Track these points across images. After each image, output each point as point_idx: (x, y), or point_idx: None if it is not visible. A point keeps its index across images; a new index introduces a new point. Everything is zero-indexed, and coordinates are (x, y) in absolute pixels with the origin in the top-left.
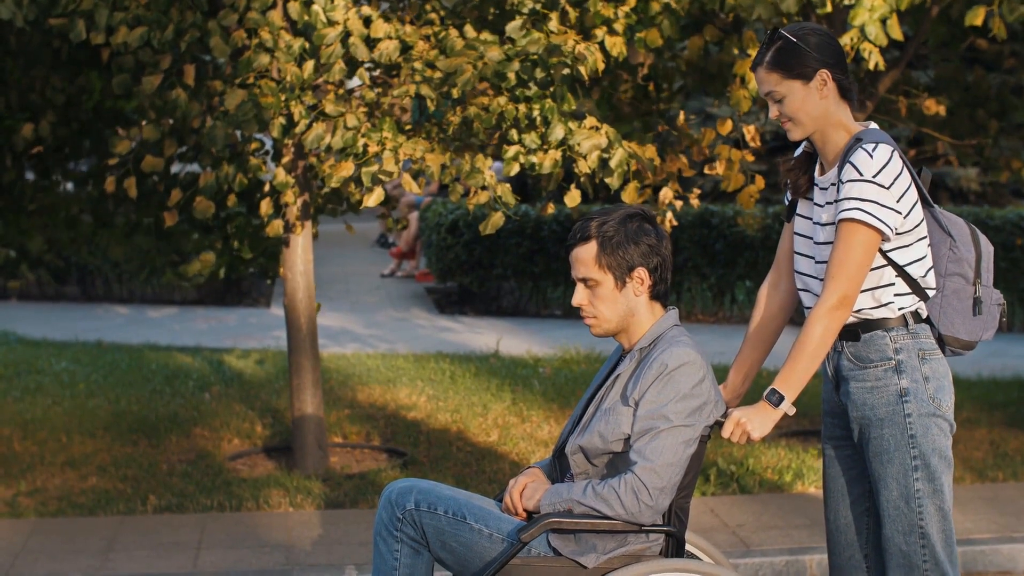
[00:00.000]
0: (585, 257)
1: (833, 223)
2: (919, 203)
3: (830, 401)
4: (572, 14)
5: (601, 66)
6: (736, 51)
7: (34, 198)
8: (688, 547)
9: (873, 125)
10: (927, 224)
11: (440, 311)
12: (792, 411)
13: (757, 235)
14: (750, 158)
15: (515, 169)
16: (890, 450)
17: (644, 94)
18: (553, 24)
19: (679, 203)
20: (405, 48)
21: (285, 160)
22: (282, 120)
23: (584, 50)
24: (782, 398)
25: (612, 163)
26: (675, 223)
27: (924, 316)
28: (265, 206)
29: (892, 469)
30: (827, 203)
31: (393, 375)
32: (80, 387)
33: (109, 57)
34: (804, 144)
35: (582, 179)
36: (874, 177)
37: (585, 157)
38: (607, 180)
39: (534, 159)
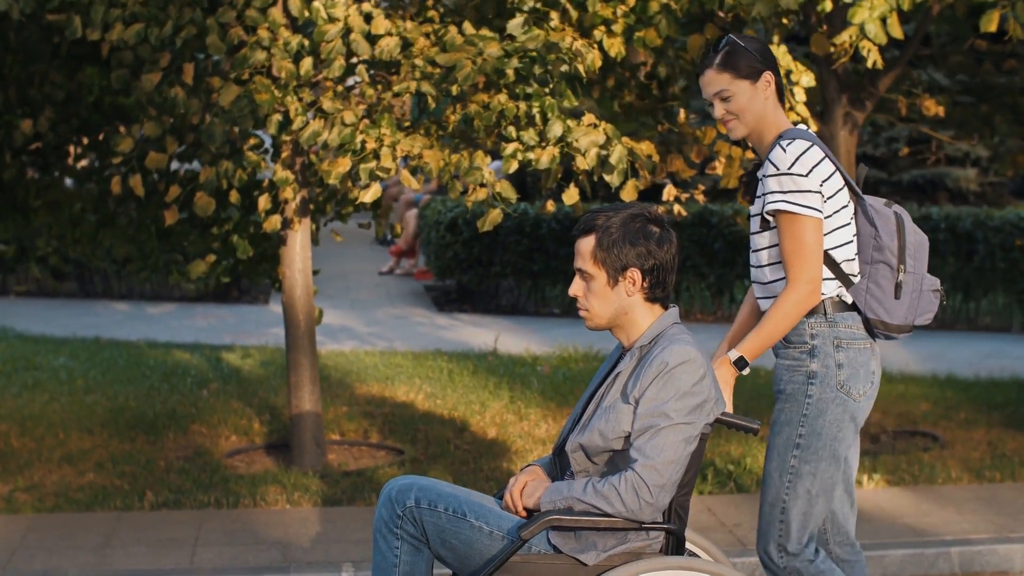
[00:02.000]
0: (583, 249)
1: (760, 215)
2: (845, 191)
3: None
4: (573, 13)
5: (599, 63)
6: None
7: (38, 195)
8: (688, 545)
9: (801, 126)
10: (856, 215)
11: (439, 309)
12: (747, 372)
13: None
14: (750, 156)
15: (514, 167)
16: (782, 423)
17: (648, 94)
18: (554, 22)
19: (685, 196)
20: (406, 45)
21: (284, 156)
22: (279, 117)
23: (582, 47)
24: (746, 363)
25: (612, 159)
26: (684, 213)
27: (849, 303)
28: (263, 202)
29: (778, 440)
30: (757, 197)
31: (391, 373)
32: (78, 383)
33: (108, 53)
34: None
35: (580, 177)
36: (790, 169)
37: (584, 154)
38: (607, 177)
39: (531, 155)
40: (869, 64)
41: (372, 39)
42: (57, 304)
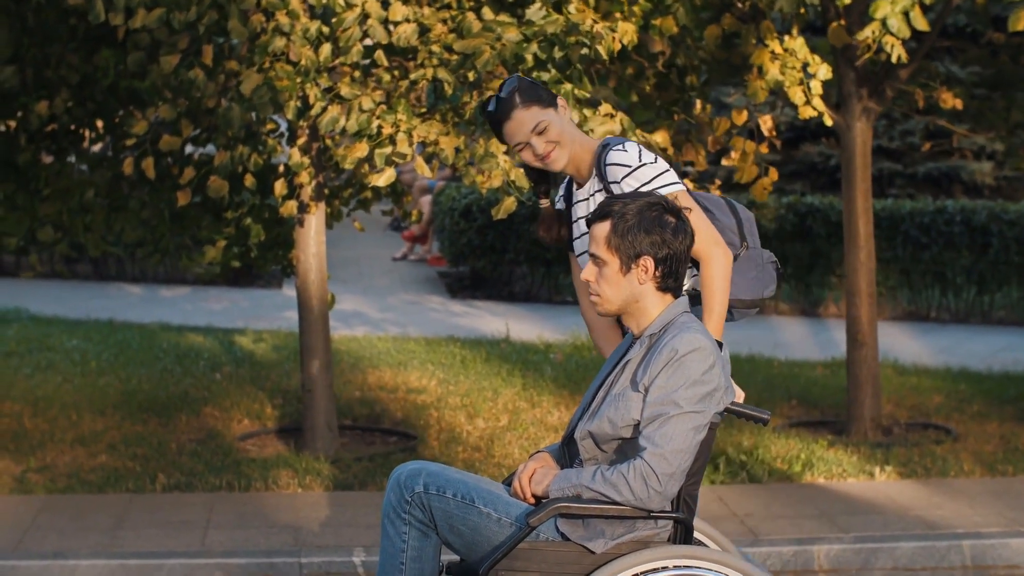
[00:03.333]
0: (598, 235)
1: None
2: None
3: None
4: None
5: (617, 47)
6: (754, 40)
7: (48, 181)
8: (696, 534)
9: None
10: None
11: (452, 295)
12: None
13: (771, 225)
14: (764, 150)
15: None
16: None
17: (667, 83)
18: (573, 6)
19: (701, 191)
20: (423, 31)
21: (300, 142)
22: (297, 103)
23: (602, 29)
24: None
25: None
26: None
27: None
28: (279, 187)
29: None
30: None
31: (404, 358)
32: (91, 365)
33: (125, 35)
34: (548, 201)
35: None
36: (641, 161)
37: None
38: None
39: None
40: (893, 59)
41: (388, 26)
42: (71, 286)
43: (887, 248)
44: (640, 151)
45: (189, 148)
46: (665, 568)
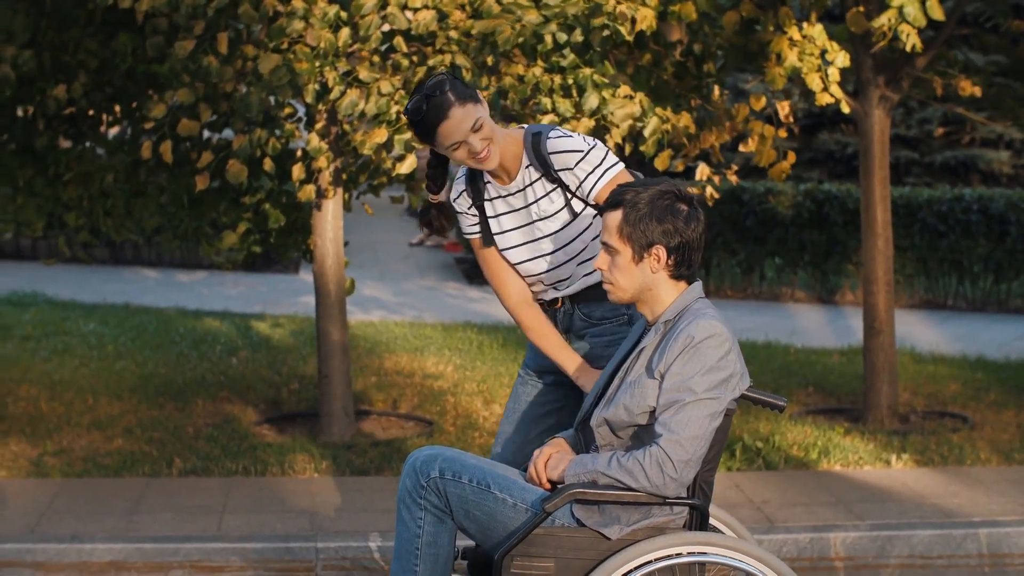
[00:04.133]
0: (610, 223)
1: (566, 205)
2: None
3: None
4: None
5: (639, 28)
6: (772, 27)
7: (67, 166)
8: (712, 521)
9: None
10: None
11: (469, 281)
12: None
13: (788, 212)
14: (783, 134)
15: None
16: None
17: (684, 72)
18: None
19: (717, 178)
20: (442, 17)
21: (318, 126)
22: (316, 86)
23: (626, 9)
24: None
25: (646, 132)
26: (716, 195)
27: None
28: (297, 171)
29: None
30: (540, 198)
31: (420, 344)
32: (108, 349)
33: (144, 20)
34: (432, 197)
35: (615, 148)
36: (587, 143)
37: (618, 126)
38: (641, 148)
39: (568, 128)
40: (908, 48)
41: (408, 12)
42: (87, 270)
43: (904, 236)
44: (578, 135)
45: (207, 133)
46: (680, 554)
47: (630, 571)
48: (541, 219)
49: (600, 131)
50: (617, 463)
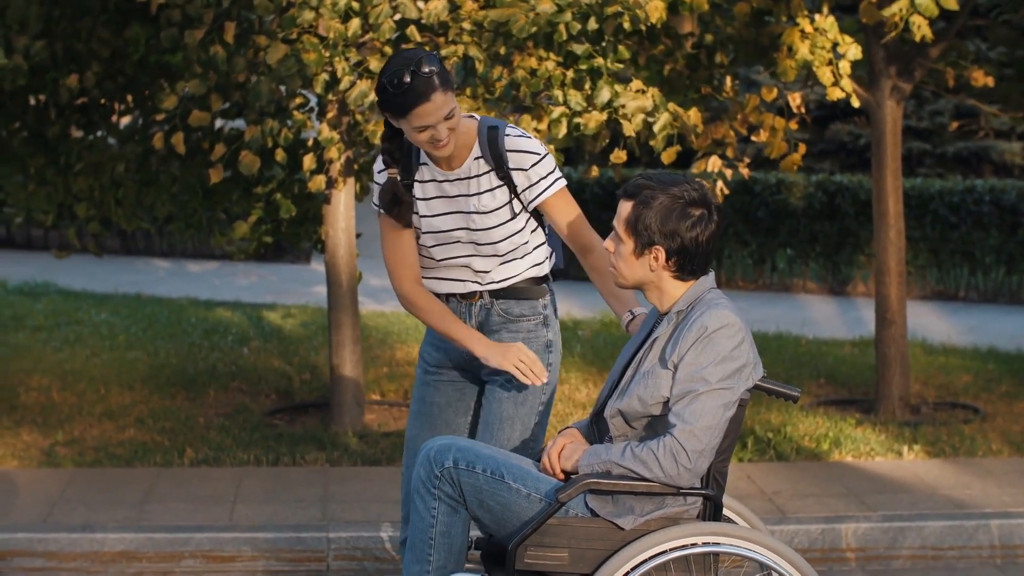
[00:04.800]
0: (621, 212)
1: (507, 204)
2: None
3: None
4: None
5: (654, 17)
6: (784, 19)
7: (80, 156)
8: (725, 511)
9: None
10: None
11: None
12: None
13: (800, 203)
14: (794, 126)
15: (563, 130)
16: (527, 394)
17: (696, 64)
18: None
19: (729, 171)
20: (453, 8)
21: (329, 116)
22: (326, 76)
23: None
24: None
25: (656, 127)
26: (726, 191)
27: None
28: (308, 161)
29: (523, 411)
30: (483, 191)
31: None
32: (119, 339)
33: (157, 10)
34: (389, 172)
35: (627, 141)
36: (542, 150)
37: (630, 119)
38: (651, 143)
39: (579, 120)
40: (918, 38)
41: (420, 2)
42: (99, 260)
43: (916, 227)
44: (534, 138)
45: (219, 123)
46: (694, 544)
47: (644, 561)
48: (479, 212)
49: (612, 124)
50: (631, 453)
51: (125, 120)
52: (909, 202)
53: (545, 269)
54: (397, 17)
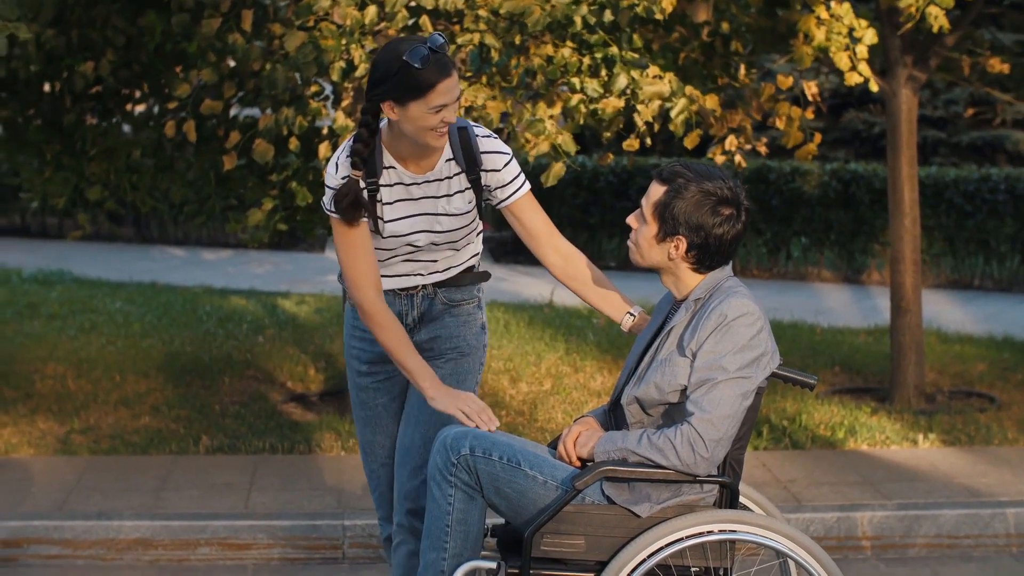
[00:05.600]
0: (652, 194)
1: (475, 206)
2: None
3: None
4: None
5: (670, 8)
6: (799, 6)
7: (95, 142)
8: (741, 499)
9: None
10: None
11: (495, 260)
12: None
13: (814, 192)
14: (810, 115)
15: (582, 117)
16: (468, 374)
17: (712, 52)
18: None
19: (748, 146)
20: None
21: (345, 104)
22: (342, 64)
23: None
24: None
25: (673, 112)
26: (744, 164)
27: None
28: (324, 150)
29: (464, 389)
30: (454, 193)
31: None
32: (134, 327)
33: None
34: (354, 173)
35: (641, 129)
36: (509, 149)
37: (647, 104)
38: (670, 127)
39: (597, 106)
40: (935, 29)
41: None
42: (114, 249)
43: (931, 216)
44: (499, 139)
45: (234, 111)
46: (711, 532)
47: (660, 548)
48: (448, 215)
49: (629, 111)
50: (648, 441)
51: (140, 108)
52: (924, 191)
53: (479, 255)
54: (413, 5)
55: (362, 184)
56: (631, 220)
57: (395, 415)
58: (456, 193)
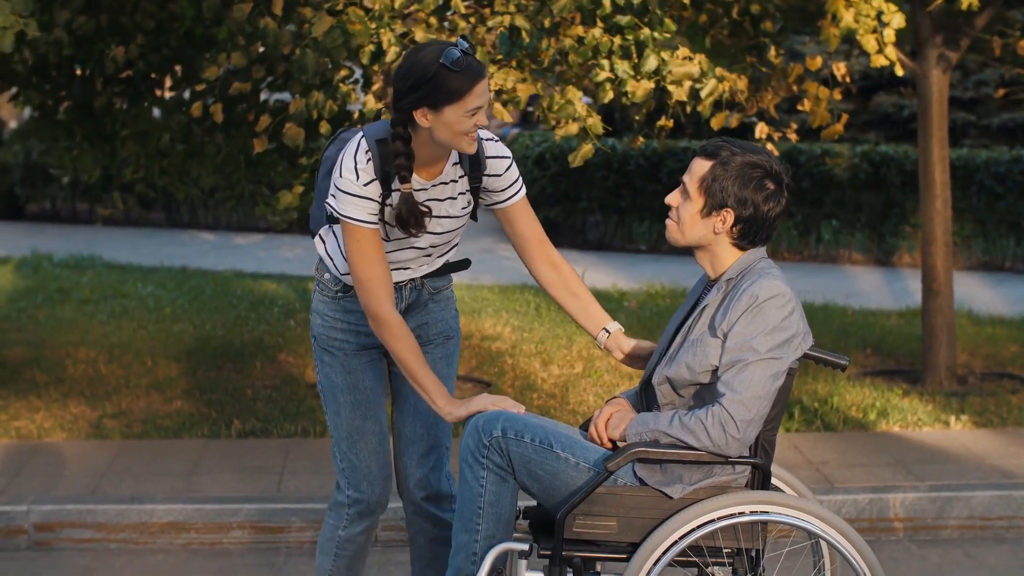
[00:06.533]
0: (696, 170)
1: (472, 210)
2: None
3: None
4: None
5: None
6: None
7: (126, 124)
8: (773, 480)
9: None
10: None
11: None
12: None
13: (845, 174)
14: (838, 96)
15: (609, 95)
16: (455, 354)
17: (741, 31)
18: None
19: (777, 135)
20: None
21: (375, 88)
22: (371, 48)
23: None
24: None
25: (703, 93)
26: (776, 152)
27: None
28: None
29: (452, 371)
30: (457, 196)
31: (478, 305)
32: (165, 312)
33: None
34: (404, 187)
35: (673, 109)
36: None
37: (680, 84)
38: (698, 108)
39: (627, 88)
40: (964, 6)
41: None
42: (144, 233)
43: (962, 198)
44: (500, 142)
45: (264, 95)
46: (742, 513)
47: (692, 530)
48: (449, 217)
49: (659, 93)
50: (679, 422)
51: (169, 92)
52: (955, 172)
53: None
54: None
55: (378, 190)
56: (671, 199)
57: (381, 396)
58: (459, 196)
